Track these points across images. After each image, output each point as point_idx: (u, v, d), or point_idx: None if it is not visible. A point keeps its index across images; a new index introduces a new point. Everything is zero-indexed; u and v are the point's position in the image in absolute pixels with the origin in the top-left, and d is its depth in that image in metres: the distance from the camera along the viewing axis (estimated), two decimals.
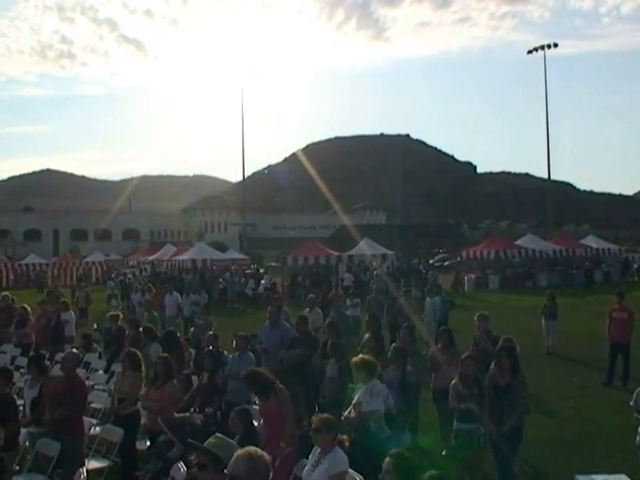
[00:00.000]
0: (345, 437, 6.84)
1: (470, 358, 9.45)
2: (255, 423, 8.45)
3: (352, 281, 36.96)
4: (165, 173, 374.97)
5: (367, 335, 13.21)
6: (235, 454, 4.43)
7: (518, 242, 51.17)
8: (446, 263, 65.46)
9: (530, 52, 66.75)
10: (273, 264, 61.58)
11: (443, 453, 10.18)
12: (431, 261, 65.52)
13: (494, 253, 47.75)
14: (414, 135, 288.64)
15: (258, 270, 50.99)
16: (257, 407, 8.89)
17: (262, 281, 40.87)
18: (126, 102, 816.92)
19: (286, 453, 7.66)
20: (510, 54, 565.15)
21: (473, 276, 48.16)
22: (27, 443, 9.32)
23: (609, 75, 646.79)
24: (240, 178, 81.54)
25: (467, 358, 9.44)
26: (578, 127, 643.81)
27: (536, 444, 10.39)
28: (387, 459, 5.23)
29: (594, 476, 7.78)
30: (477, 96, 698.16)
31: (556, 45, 65.64)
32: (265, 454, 4.48)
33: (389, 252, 48.49)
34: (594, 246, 52.21)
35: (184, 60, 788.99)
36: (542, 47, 65.55)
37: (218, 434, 5.16)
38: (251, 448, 4.49)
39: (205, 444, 4.84)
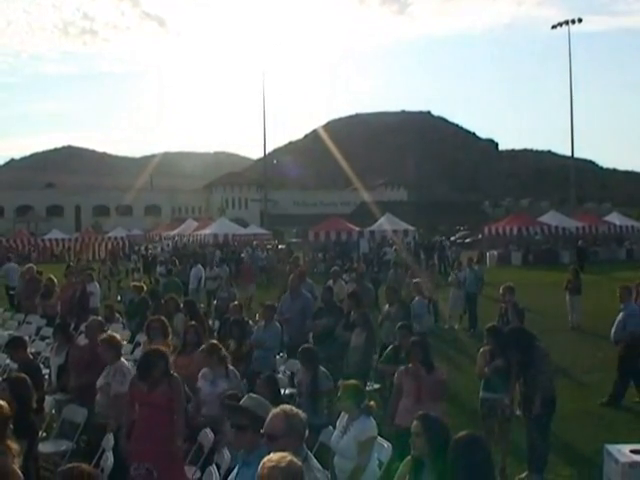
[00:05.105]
0: (373, 403, 6.82)
1: (491, 329, 9.40)
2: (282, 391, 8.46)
3: (394, 255, 36.62)
4: (186, 150, 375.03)
5: (388, 306, 13.22)
6: (270, 413, 4.43)
7: (541, 219, 50.84)
8: (467, 240, 65.19)
9: (554, 27, 65.89)
10: (294, 240, 61.61)
11: None
12: (452, 238, 65.24)
13: (516, 230, 47.44)
14: (435, 112, 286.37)
15: (277, 246, 51.02)
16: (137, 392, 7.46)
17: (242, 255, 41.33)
18: (148, 79, 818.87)
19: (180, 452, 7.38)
20: (534, 30, 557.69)
21: (495, 252, 47.96)
22: (53, 410, 9.38)
23: (634, 52, 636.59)
24: (261, 154, 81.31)
25: (488, 329, 9.43)
26: (601, 104, 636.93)
27: (562, 416, 10.33)
28: (415, 422, 5.20)
29: (622, 446, 7.71)
30: (500, 72, 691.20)
31: (580, 20, 64.67)
32: (300, 412, 4.47)
33: (411, 228, 48.33)
34: (617, 223, 51.75)
35: (206, 37, 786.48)
36: (566, 22, 64.70)
37: (252, 394, 5.17)
38: (286, 406, 4.49)
39: (243, 403, 4.84)
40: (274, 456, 3.68)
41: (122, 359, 8.57)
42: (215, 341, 9.08)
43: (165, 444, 7.03)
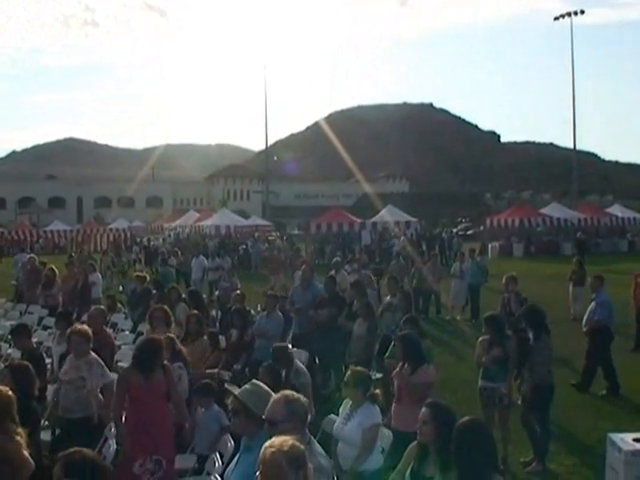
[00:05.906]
0: (378, 391, 6.81)
1: (489, 318, 9.40)
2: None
3: (400, 247, 36.58)
4: (188, 142, 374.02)
5: (389, 297, 13.18)
6: (271, 399, 4.43)
7: (543, 210, 50.83)
8: (469, 232, 65.15)
9: (557, 18, 65.69)
10: (296, 232, 61.55)
11: None
12: (454, 230, 65.21)
13: (519, 221, 47.43)
14: (437, 104, 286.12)
15: (282, 237, 51.05)
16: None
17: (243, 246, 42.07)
18: (149, 71, 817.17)
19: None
20: (537, 22, 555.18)
21: (497, 244, 47.94)
22: (55, 399, 9.38)
23: (637, 44, 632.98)
24: (263, 147, 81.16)
25: (487, 318, 9.46)
26: (603, 96, 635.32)
27: (564, 406, 10.35)
28: (424, 409, 5.19)
29: (625, 434, 7.70)
30: (502, 64, 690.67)
31: (583, 12, 64.41)
32: (301, 397, 4.46)
33: (412, 220, 48.31)
34: (619, 215, 51.77)
35: (207, 29, 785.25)
36: (569, 14, 64.50)
37: (254, 380, 5.17)
38: (287, 392, 4.48)
39: (241, 390, 4.84)
40: (276, 440, 3.62)
41: (91, 352, 8.33)
42: (172, 335, 8.94)
43: (168, 433, 7.06)
